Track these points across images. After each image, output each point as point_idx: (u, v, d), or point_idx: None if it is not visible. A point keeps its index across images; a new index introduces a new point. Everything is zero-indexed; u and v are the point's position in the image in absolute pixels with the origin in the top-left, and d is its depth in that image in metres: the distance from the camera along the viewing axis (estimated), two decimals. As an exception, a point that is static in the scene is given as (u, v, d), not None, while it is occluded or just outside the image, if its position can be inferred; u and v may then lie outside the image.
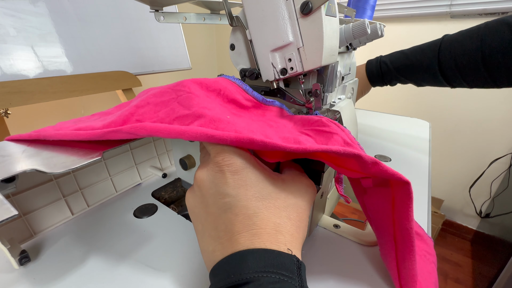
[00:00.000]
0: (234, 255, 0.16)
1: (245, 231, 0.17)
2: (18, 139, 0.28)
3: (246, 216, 0.18)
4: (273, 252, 0.16)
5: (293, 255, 0.17)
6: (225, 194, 0.18)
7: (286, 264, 0.16)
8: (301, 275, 0.16)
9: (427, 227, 0.34)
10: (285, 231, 0.18)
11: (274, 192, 0.19)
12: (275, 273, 0.15)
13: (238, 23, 0.28)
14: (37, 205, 0.32)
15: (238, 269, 0.15)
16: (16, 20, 0.58)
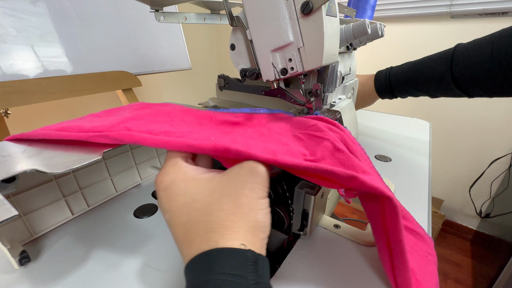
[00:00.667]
0: (186, 267, 0.17)
1: (184, 240, 0.17)
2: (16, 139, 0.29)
3: (180, 225, 0.18)
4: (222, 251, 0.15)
5: (246, 249, 0.16)
6: (164, 211, 0.20)
7: (237, 261, 0.15)
8: (257, 270, 0.15)
9: (427, 227, 0.34)
10: (218, 226, 0.17)
11: (207, 189, 0.18)
12: (222, 274, 0.14)
13: (239, 23, 0.28)
14: (37, 205, 0.32)
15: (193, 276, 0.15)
16: (16, 20, 0.57)
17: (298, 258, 0.29)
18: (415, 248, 0.27)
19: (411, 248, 0.26)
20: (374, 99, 0.60)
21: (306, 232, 0.30)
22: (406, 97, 0.56)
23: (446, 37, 1.11)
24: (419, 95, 0.54)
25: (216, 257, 0.15)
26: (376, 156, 0.55)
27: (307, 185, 0.29)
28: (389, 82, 0.54)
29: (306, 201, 0.28)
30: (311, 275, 0.26)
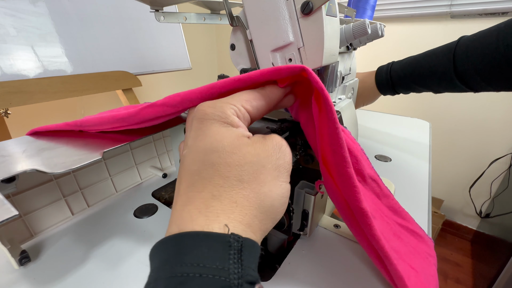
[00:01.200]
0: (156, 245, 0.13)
1: (183, 193, 0.15)
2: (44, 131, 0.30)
3: (189, 173, 0.15)
4: (196, 236, 0.12)
5: (229, 234, 0.12)
6: (186, 145, 0.16)
7: (215, 250, 0.12)
8: (241, 259, 0.12)
9: (427, 227, 0.34)
10: (226, 196, 0.14)
11: (231, 145, 0.15)
12: (194, 267, 0.11)
13: (239, 23, 0.28)
14: (37, 205, 0.32)
15: (155, 267, 0.13)
16: (16, 20, 0.58)
17: (298, 258, 0.29)
18: (417, 250, 0.27)
19: (413, 249, 0.26)
20: (376, 96, 0.58)
21: (306, 232, 0.30)
22: (408, 93, 0.54)
23: (446, 37, 1.10)
24: (421, 91, 0.51)
25: (189, 242, 0.12)
26: (376, 156, 0.55)
27: (307, 185, 0.29)
28: (390, 78, 0.53)
29: (306, 201, 0.28)
30: (311, 275, 0.26)
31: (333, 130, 0.19)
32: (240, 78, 0.19)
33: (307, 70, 0.18)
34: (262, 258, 0.33)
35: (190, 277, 0.11)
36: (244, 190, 0.14)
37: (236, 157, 0.15)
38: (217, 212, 0.13)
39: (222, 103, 0.17)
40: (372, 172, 0.30)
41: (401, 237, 0.27)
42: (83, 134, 0.30)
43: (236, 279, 0.11)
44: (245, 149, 0.15)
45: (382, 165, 0.51)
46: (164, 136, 0.48)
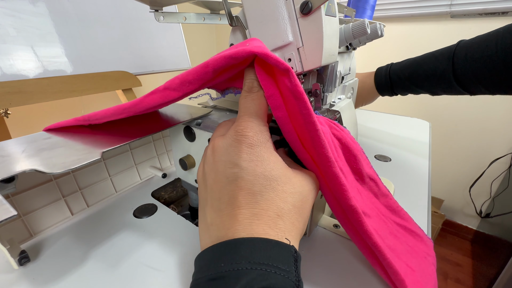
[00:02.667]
0: (228, 242, 0.16)
1: (246, 208, 0.16)
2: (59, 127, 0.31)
3: (250, 192, 0.17)
4: (270, 242, 0.15)
5: (291, 245, 0.16)
6: (235, 164, 0.17)
7: (283, 256, 0.15)
8: (297, 268, 0.15)
9: (427, 227, 0.34)
10: (287, 217, 0.17)
11: (285, 176, 0.18)
12: (269, 266, 0.14)
13: (238, 23, 0.28)
14: (37, 205, 0.32)
15: (230, 258, 0.14)
16: (16, 20, 0.58)
17: (298, 258, 0.29)
18: (415, 249, 0.27)
19: (411, 248, 0.26)
20: (374, 97, 0.59)
21: (306, 232, 0.30)
22: (406, 94, 0.55)
23: (446, 37, 1.11)
24: (419, 92, 0.52)
25: (261, 246, 0.15)
26: (376, 156, 0.55)
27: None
28: (389, 79, 0.53)
29: (305, 201, 0.28)
30: (310, 275, 0.26)
31: (314, 133, 0.19)
32: (229, 55, 0.19)
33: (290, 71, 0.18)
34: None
35: (268, 272, 0.14)
36: (296, 214, 0.18)
37: (290, 186, 0.18)
38: (284, 230, 0.16)
39: (259, 126, 0.19)
40: (371, 171, 0.30)
41: (398, 236, 0.27)
42: (91, 130, 0.31)
43: (297, 281, 0.14)
44: (293, 180, 0.19)
45: (382, 165, 0.51)
46: (163, 136, 0.48)
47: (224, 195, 0.18)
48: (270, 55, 0.18)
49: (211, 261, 0.15)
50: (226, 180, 0.18)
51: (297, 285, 0.14)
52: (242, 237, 0.15)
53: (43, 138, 0.29)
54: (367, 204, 0.27)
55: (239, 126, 0.19)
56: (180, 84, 0.21)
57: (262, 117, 0.20)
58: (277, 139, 0.28)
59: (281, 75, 0.19)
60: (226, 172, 0.18)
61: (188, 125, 0.33)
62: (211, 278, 0.14)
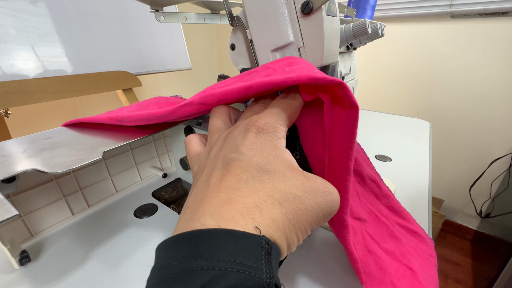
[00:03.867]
0: (184, 235, 0.13)
1: (225, 191, 0.15)
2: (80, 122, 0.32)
3: (237, 178, 0.16)
4: (233, 234, 0.13)
5: (261, 235, 0.13)
6: (235, 149, 0.17)
7: (250, 249, 0.12)
8: (270, 261, 0.13)
9: (427, 227, 0.34)
10: (268, 212, 0.14)
11: (282, 173, 0.16)
12: (230, 263, 0.12)
13: (239, 23, 0.28)
14: (38, 205, 0.32)
15: (185, 255, 0.12)
16: (16, 20, 0.58)
17: (298, 258, 0.29)
18: (417, 250, 0.27)
19: (412, 249, 0.26)
20: None
21: (306, 232, 0.30)
22: None
23: (446, 37, 1.11)
24: None
25: (223, 239, 0.13)
26: (376, 156, 0.55)
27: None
28: None
29: (306, 201, 0.28)
30: (311, 275, 0.26)
31: (349, 144, 0.19)
32: (275, 82, 0.18)
33: (344, 86, 0.17)
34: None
35: (227, 272, 0.11)
36: (282, 215, 0.15)
37: (284, 185, 0.16)
38: (258, 221, 0.14)
39: (276, 123, 0.18)
40: (372, 172, 0.30)
41: (400, 237, 0.27)
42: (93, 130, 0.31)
43: (268, 278, 0.12)
44: (292, 181, 0.16)
45: (382, 165, 0.51)
46: (164, 136, 0.48)
47: (213, 177, 0.16)
48: (319, 78, 0.17)
49: (166, 258, 0.13)
50: (221, 164, 0.17)
51: (268, 282, 0.12)
52: (202, 228, 0.13)
53: (43, 138, 0.29)
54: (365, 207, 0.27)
55: (255, 116, 0.18)
56: (217, 101, 0.21)
57: (284, 118, 0.19)
58: None
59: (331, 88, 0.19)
60: (225, 157, 0.17)
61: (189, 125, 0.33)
62: (160, 281, 0.12)
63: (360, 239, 0.24)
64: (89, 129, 0.32)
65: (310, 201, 0.16)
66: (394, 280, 0.23)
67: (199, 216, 0.14)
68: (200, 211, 0.14)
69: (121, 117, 0.29)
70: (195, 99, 0.22)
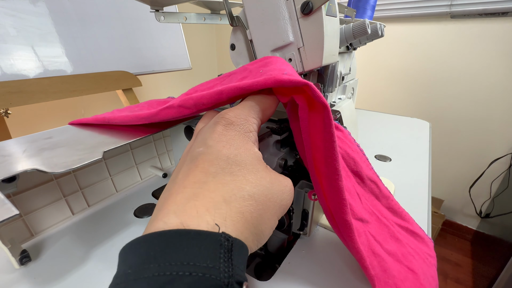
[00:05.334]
0: (141, 239, 0.12)
1: (191, 187, 0.14)
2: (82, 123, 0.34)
3: (204, 171, 0.15)
4: (188, 234, 0.12)
5: (219, 233, 0.12)
6: (203, 143, 0.16)
7: (206, 249, 0.12)
8: (230, 259, 0.12)
9: (427, 227, 0.34)
10: (236, 204, 0.14)
11: (252, 165, 0.16)
12: (182, 266, 0.11)
13: (239, 23, 0.28)
14: (38, 204, 0.32)
15: (140, 260, 0.12)
16: (16, 20, 0.58)
17: (298, 258, 0.29)
18: (417, 251, 0.27)
19: (413, 250, 0.26)
20: None
21: (306, 231, 0.30)
22: None
23: (446, 37, 1.11)
24: None
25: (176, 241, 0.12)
26: (376, 156, 0.55)
27: (307, 185, 0.29)
28: None
29: (306, 201, 0.28)
30: (311, 275, 0.27)
31: (330, 144, 0.19)
32: (244, 86, 0.19)
33: (310, 86, 0.18)
34: (262, 258, 0.33)
35: (179, 276, 0.11)
36: (251, 207, 0.15)
37: (254, 176, 0.16)
38: (224, 217, 0.13)
39: (247, 116, 0.18)
40: (371, 173, 0.30)
41: (400, 238, 0.27)
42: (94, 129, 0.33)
43: (227, 278, 0.11)
44: (262, 173, 0.16)
45: (382, 165, 0.51)
46: (164, 136, 0.48)
47: (180, 174, 0.16)
48: (284, 80, 0.18)
49: (122, 265, 0.12)
50: (189, 159, 0.16)
51: (227, 282, 0.11)
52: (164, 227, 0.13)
53: (43, 138, 0.29)
54: (367, 208, 0.27)
55: (225, 110, 0.18)
56: (194, 105, 0.22)
57: (257, 111, 0.19)
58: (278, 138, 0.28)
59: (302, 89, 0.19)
60: (193, 152, 0.16)
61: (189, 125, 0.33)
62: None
63: (364, 240, 0.24)
64: (89, 129, 0.32)
65: (276, 192, 0.17)
66: (398, 282, 0.23)
67: (163, 215, 0.13)
68: (165, 209, 0.14)
69: (108, 119, 0.31)
70: (175, 102, 0.23)
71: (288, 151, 0.31)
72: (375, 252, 0.24)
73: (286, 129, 0.28)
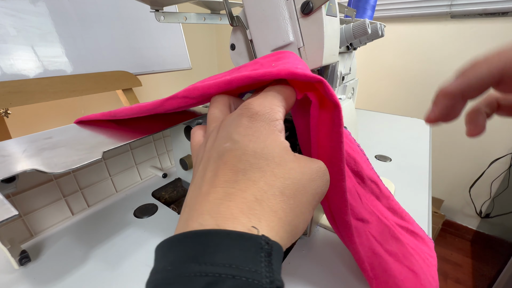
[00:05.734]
0: (179, 237, 0.12)
1: (222, 186, 0.14)
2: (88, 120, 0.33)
3: (233, 169, 0.15)
4: (229, 235, 0.12)
5: (259, 235, 0.12)
6: (229, 138, 0.16)
7: (248, 252, 0.11)
8: (271, 263, 0.12)
9: (427, 227, 0.34)
10: (267, 203, 0.14)
11: (280, 157, 0.15)
12: (225, 267, 0.11)
13: (239, 23, 0.28)
14: (37, 205, 0.32)
15: (179, 258, 0.12)
16: (16, 20, 0.57)
17: (298, 257, 0.29)
18: (417, 251, 0.27)
19: (413, 250, 0.26)
20: None
21: (306, 232, 0.30)
22: None
23: (446, 37, 1.11)
24: None
25: (217, 241, 0.12)
26: (376, 156, 0.55)
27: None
28: None
29: (306, 201, 0.28)
30: (311, 275, 0.26)
31: (337, 144, 0.19)
32: (255, 76, 0.18)
33: (324, 83, 0.17)
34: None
35: (221, 278, 0.11)
36: (283, 203, 0.14)
37: (282, 170, 0.15)
38: (259, 217, 0.13)
39: (271, 104, 0.17)
40: (371, 173, 0.30)
41: (400, 238, 0.27)
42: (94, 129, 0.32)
43: (268, 283, 0.11)
44: (291, 164, 0.16)
45: (382, 165, 0.51)
46: (164, 136, 0.48)
47: (208, 172, 0.15)
48: (298, 74, 0.17)
49: (161, 261, 0.12)
50: (216, 156, 0.16)
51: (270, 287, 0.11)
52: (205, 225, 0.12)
53: (43, 138, 0.29)
54: (367, 208, 0.27)
55: (248, 100, 0.17)
56: (200, 96, 0.21)
57: (280, 100, 0.18)
58: None
59: (315, 86, 0.19)
60: (219, 148, 0.16)
61: (189, 125, 0.33)
62: (155, 285, 0.11)
63: (364, 240, 0.24)
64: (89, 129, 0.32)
65: (308, 181, 0.16)
66: (398, 283, 0.23)
67: (197, 215, 0.13)
68: (199, 209, 0.14)
69: (114, 113, 0.30)
70: (179, 93, 0.22)
71: None
72: (376, 252, 0.24)
73: (287, 129, 0.28)
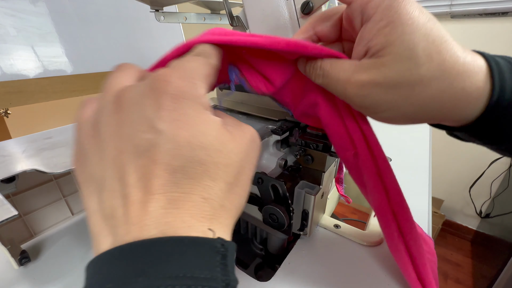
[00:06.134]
0: (122, 248, 0.11)
1: (161, 192, 0.11)
2: None
3: (169, 168, 0.12)
4: (181, 242, 0.11)
5: (215, 238, 0.11)
6: (150, 126, 0.12)
7: (203, 257, 0.11)
8: (226, 266, 0.11)
9: (427, 227, 0.34)
10: (216, 199, 0.12)
11: (219, 142, 0.13)
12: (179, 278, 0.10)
13: (239, 23, 0.28)
14: (37, 205, 0.32)
15: (122, 274, 0.10)
16: (16, 20, 0.58)
17: (298, 258, 0.29)
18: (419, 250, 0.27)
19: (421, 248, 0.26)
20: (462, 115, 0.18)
21: (306, 232, 0.30)
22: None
23: (446, 37, 1.11)
24: None
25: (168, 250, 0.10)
26: (376, 156, 0.55)
27: (307, 185, 0.29)
28: None
29: (306, 201, 0.28)
30: (311, 275, 0.26)
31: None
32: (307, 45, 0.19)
33: None
34: (262, 258, 0.33)
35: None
36: (228, 193, 0.13)
37: (222, 156, 0.13)
38: (210, 218, 0.12)
39: (193, 80, 0.13)
40: None
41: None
42: None
43: (224, 287, 0.10)
44: (229, 146, 0.13)
45: (382, 165, 0.51)
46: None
47: (131, 173, 0.12)
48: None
49: (97, 279, 0.11)
50: (134, 151, 0.12)
51: None
52: (147, 237, 0.11)
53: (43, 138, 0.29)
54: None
55: (161, 71, 0.13)
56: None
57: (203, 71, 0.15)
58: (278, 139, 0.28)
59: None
60: (136, 139, 0.12)
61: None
62: None
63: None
64: None
65: (246, 158, 0.14)
66: None
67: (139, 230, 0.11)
68: (139, 224, 0.11)
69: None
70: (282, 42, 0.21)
71: (288, 151, 0.31)
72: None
73: (287, 129, 0.28)
